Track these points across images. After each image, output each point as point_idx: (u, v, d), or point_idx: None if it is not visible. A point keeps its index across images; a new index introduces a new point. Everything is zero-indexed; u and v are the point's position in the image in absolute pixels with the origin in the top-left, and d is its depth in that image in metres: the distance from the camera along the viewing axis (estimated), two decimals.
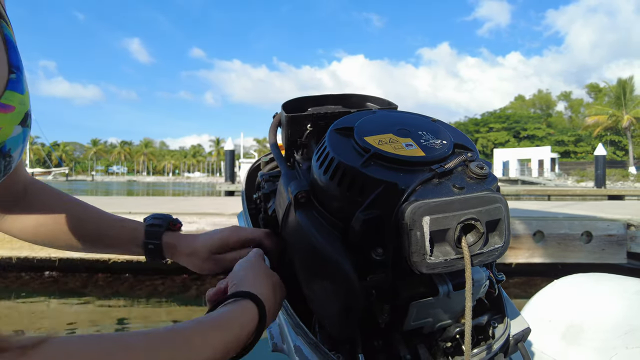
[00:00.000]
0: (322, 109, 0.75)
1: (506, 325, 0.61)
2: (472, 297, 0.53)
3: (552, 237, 4.16)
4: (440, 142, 0.55)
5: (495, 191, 0.48)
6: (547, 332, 1.00)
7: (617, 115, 37.84)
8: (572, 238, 4.17)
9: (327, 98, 0.77)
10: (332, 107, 0.76)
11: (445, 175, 0.49)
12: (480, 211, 0.45)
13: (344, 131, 0.57)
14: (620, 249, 4.14)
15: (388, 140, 0.54)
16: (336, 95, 0.78)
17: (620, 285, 1.01)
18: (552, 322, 1.02)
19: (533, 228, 4.17)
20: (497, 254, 0.47)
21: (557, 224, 4.22)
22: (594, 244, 4.16)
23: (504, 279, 0.63)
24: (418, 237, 0.44)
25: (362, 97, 0.79)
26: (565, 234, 4.17)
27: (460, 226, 0.44)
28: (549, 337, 0.98)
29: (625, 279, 1.04)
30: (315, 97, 0.76)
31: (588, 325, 0.94)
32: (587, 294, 1.03)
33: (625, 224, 4.17)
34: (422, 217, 0.43)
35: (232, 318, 0.46)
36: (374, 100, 0.80)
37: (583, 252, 4.16)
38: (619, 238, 4.14)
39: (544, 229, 4.16)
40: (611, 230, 4.16)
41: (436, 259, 0.44)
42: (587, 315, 0.97)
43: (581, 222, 4.26)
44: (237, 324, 0.46)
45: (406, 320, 0.53)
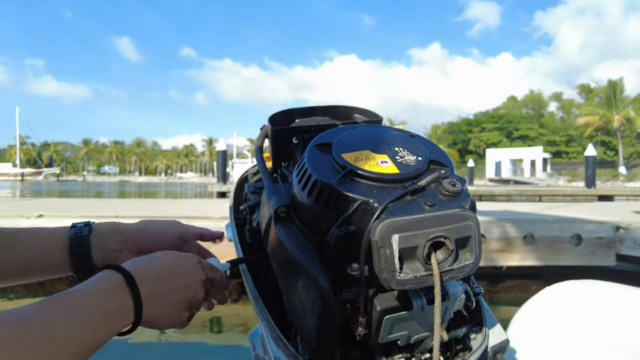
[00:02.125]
0: (309, 121, 0.77)
1: (484, 337, 0.62)
2: (447, 311, 0.56)
3: (542, 239, 4.18)
4: (416, 159, 0.55)
5: (466, 208, 0.49)
6: (538, 340, 0.99)
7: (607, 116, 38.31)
8: (562, 241, 4.20)
9: (314, 110, 0.78)
10: (319, 118, 0.77)
11: (417, 192, 0.50)
12: (449, 229, 0.46)
13: (323, 147, 0.57)
14: (610, 252, 4.17)
15: (364, 157, 0.54)
16: (323, 106, 0.78)
17: (612, 293, 1.02)
18: (542, 330, 1.01)
19: (523, 230, 4.18)
20: (467, 270, 0.48)
21: (547, 227, 4.25)
22: (584, 247, 4.18)
23: (482, 292, 0.64)
24: (387, 255, 0.44)
25: (348, 109, 0.80)
26: (555, 237, 4.19)
27: (429, 243, 0.45)
28: (539, 345, 0.98)
29: (616, 286, 1.05)
30: (303, 109, 0.77)
31: (579, 334, 0.94)
32: (579, 301, 1.03)
33: (614, 227, 4.20)
34: (392, 235, 0.44)
35: (97, 288, 0.42)
36: (360, 112, 0.81)
37: (573, 254, 4.18)
38: (608, 241, 4.17)
39: (534, 232, 4.18)
40: (600, 233, 4.18)
41: (406, 276, 0.45)
42: (578, 324, 0.97)
43: (571, 224, 4.29)
44: (103, 293, 0.42)
45: (381, 333, 0.53)
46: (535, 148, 38.83)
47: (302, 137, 0.71)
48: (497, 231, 4.17)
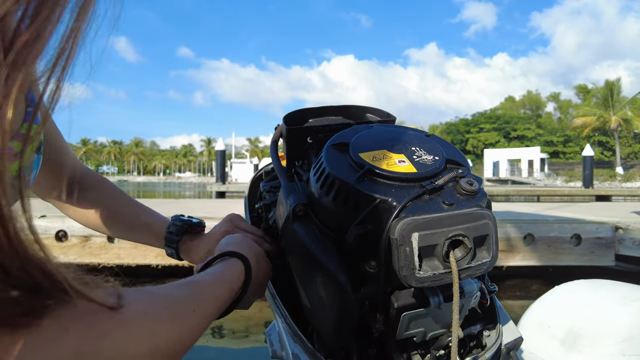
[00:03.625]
0: (322, 120, 0.77)
1: (498, 334, 0.63)
2: (463, 308, 0.57)
3: (543, 240, 4.21)
4: (433, 158, 0.56)
5: (483, 207, 0.50)
6: (547, 338, 1.01)
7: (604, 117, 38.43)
8: (562, 241, 4.23)
9: (327, 109, 0.78)
10: (333, 118, 0.78)
11: (435, 191, 0.51)
12: (468, 227, 0.47)
13: (340, 147, 0.58)
14: (609, 252, 4.20)
15: (382, 157, 0.55)
16: (336, 106, 0.79)
17: (620, 293, 1.03)
18: (551, 328, 1.03)
19: (524, 231, 4.21)
20: (484, 268, 0.49)
21: (547, 227, 4.28)
22: (583, 247, 4.22)
23: (497, 289, 0.65)
24: (407, 253, 0.45)
25: (361, 109, 0.80)
26: (555, 237, 4.23)
27: (448, 242, 0.46)
28: (548, 343, 1.00)
29: (624, 286, 1.06)
30: (316, 109, 0.78)
31: (587, 332, 0.96)
32: (587, 300, 1.04)
33: (613, 227, 4.24)
34: (411, 233, 0.45)
35: (225, 273, 0.50)
36: (373, 112, 0.81)
37: (572, 254, 4.22)
38: (607, 241, 4.20)
39: (534, 232, 4.21)
40: (600, 233, 4.22)
41: (425, 274, 0.46)
42: (586, 322, 0.98)
43: (571, 225, 4.32)
44: (228, 279, 0.50)
45: (398, 330, 0.54)
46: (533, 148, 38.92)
47: (317, 136, 0.72)
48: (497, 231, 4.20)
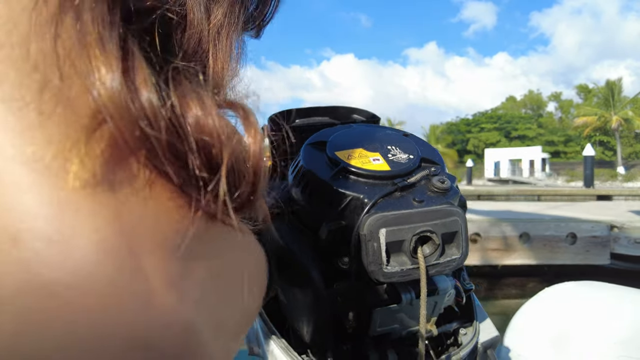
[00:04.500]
0: (309, 120, 0.78)
1: (475, 332, 0.64)
2: (437, 305, 0.58)
3: (538, 238, 4.24)
4: (407, 157, 0.57)
5: (453, 205, 0.51)
6: (536, 340, 1.01)
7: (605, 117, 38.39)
8: (558, 240, 4.25)
9: (315, 110, 0.79)
10: (319, 118, 0.79)
11: (407, 188, 0.52)
12: (436, 224, 0.48)
13: (317, 145, 0.60)
14: (604, 250, 4.23)
15: (357, 155, 0.57)
16: (324, 107, 0.80)
17: (610, 294, 1.03)
18: (541, 330, 1.03)
19: (519, 230, 4.24)
20: (454, 265, 0.49)
21: (543, 226, 4.30)
22: (579, 246, 4.24)
23: (473, 288, 0.65)
24: (375, 248, 0.46)
25: (348, 109, 0.82)
26: (551, 236, 4.25)
27: (416, 238, 0.47)
28: (537, 346, 1.00)
29: (615, 288, 1.06)
30: (304, 109, 0.79)
31: (577, 334, 0.96)
32: (578, 302, 1.05)
33: (608, 226, 4.26)
34: (379, 229, 0.46)
35: None
36: (358, 112, 0.84)
37: (568, 253, 4.24)
38: (603, 239, 4.22)
39: (529, 231, 4.24)
40: (595, 232, 4.24)
41: (392, 269, 0.47)
42: (576, 324, 0.98)
43: (566, 224, 4.34)
44: None
45: (372, 326, 0.55)
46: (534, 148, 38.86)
47: (301, 136, 0.75)
48: (493, 230, 4.22)
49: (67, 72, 0.13)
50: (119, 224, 0.13)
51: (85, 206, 0.13)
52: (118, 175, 0.14)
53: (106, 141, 0.14)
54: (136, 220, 0.14)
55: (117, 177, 0.14)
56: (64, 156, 0.13)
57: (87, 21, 0.14)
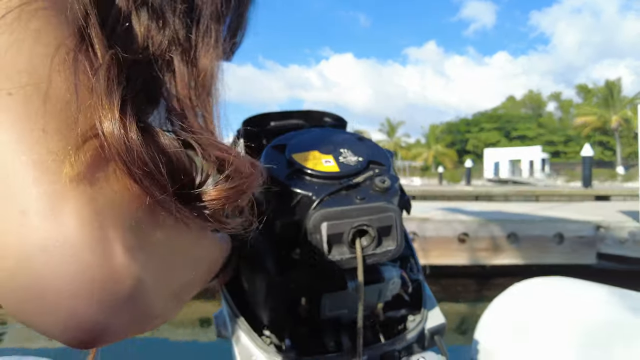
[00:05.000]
0: (283, 123, 0.82)
1: (422, 319, 0.69)
2: (382, 292, 0.64)
3: (526, 239, 4.30)
4: (357, 159, 0.63)
5: (390, 202, 0.57)
6: (503, 333, 1.04)
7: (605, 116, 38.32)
8: (545, 240, 4.32)
9: (290, 114, 0.84)
10: (294, 122, 0.84)
11: (352, 187, 0.58)
12: (371, 219, 0.54)
13: (278, 148, 0.66)
14: (591, 250, 4.29)
15: (312, 157, 0.63)
16: (298, 111, 0.86)
17: (576, 290, 1.07)
18: (507, 324, 1.06)
19: (507, 230, 4.30)
20: (390, 255, 0.55)
21: (531, 226, 4.37)
22: (566, 246, 4.30)
23: (420, 278, 0.71)
24: (318, 239, 0.53)
25: (320, 113, 0.87)
26: (539, 236, 4.31)
27: (354, 231, 0.53)
28: (503, 338, 1.03)
29: (582, 283, 1.06)
30: (279, 113, 0.84)
31: (540, 328, 0.99)
32: (544, 297, 1.08)
33: (595, 226, 4.32)
34: (321, 222, 0.52)
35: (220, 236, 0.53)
36: (329, 116, 0.88)
37: (555, 253, 4.30)
38: (589, 239, 4.29)
39: (518, 231, 4.30)
40: (582, 232, 4.31)
41: (333, 258, 0.53)
42: (540, 318, 1.02)
43: (554, 224, 4.41)
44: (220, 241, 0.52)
45: (322, 310, 0.62)
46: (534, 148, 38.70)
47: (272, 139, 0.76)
48: (482, 231, 4.29)
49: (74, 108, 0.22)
50: (93, 206, 0.21)
51: (71, 195, 0.20)
52: (96, 174, 0.21)
53: (91, 152, 0.21)
54: (107, 204, 0.22)
55: (95, 175, 0.21)
56: (60, 161, 0.20)
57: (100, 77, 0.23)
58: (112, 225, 0.22)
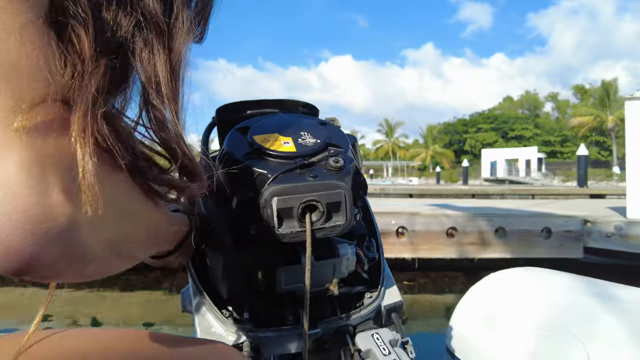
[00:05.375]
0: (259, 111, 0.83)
1: (378, 296, 0.72)
2: (336, 267, 0.67)
3: (514, 233, 4.34)
4: (315, 141, 0.66)
5: (339, 180, 0.59)
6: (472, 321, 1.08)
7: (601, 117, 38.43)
8: (533, 234, 4.35)
9: (265, 102, 0.85)
10: (269, 110, 0.85)
11: (306, 167, 0.60)
12: (321, 195, 0.56)
13: (242, 130, 0.68)
14: (578, 244, 4.33)
15: (272, 139, 0.65)
16: (274, 100, 0.86)
17: (546, 279, 1.10)
18: (478, 309, 1.10)
19: (495, 224, 4.34)
20: (339, 229, 0.58)
21: (518, 221, 4.41)
22: (553, 240, 4.34)
23: (377, 257, 0.74)
24: (269, 214, 0.55)
25: (295, 102, 0.89)
26: (526, 230, 4.35)
27: (303, 205, 0.55)
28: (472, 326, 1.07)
29: (554, 273, 1.12)
30: (254, 102, 0.84)
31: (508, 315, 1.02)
32: (515, 286, 1.11)
33: (582, 220, 4.36)
34: (272, 197, 0.55)
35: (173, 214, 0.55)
36: (303, 105, 0.90)
37: (543, 247, 4.34)
38: (576, 234, 4.33)
39: (505, 226, 4.34)
40: (569, 227, 4.35)
41: (283, 231, 0.55)
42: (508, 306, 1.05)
43: (542, 218, 4.45)
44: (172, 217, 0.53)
45: (277, 284, 0.64)
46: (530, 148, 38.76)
47: None
48: (470, 225, 4.33)
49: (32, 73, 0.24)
50: (36, 153, 0.24)
51: (17, 143, 0.23)
52: (47, 132, 0.24)
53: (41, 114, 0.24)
54: (50, 154, 0.24)
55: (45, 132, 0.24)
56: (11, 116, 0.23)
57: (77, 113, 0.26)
58: (54, 171, 0.24)
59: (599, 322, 0.87)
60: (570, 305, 0.96)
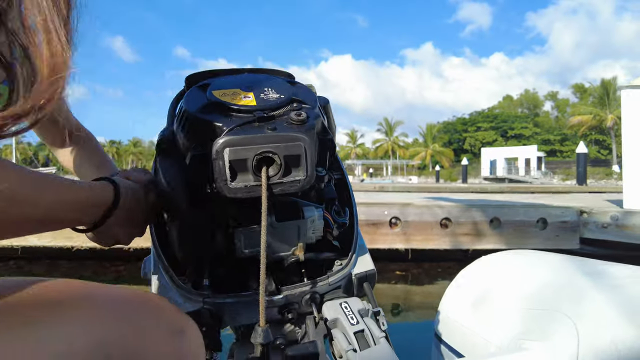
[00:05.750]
0: None
1: (348, 263, 0.68)
2: (300, 230, 0.62)
3: (509, 224, 4.29)
4: (278, 96, 0.61)
5: (300, 132, 0.54)
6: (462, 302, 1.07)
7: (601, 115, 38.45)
8: (528, 225, 4.30)
9: (240, 71, 0.80)
10: None
11: (266, 120, 0.56)
12: (278, 146, 0.52)
13: (202, 87, 0.64)
14: (574, 235, 4.28)
15: (232, 94, 0.61)
16: (248, 69, 0.82)
17: (533, 259, 1.08)
18: (467, 292, 1.09)
19: (489, 215, 4.29)
20: (299, 185, 0.54)
21: (513, 211, 4.35)
22: (549, 231, 4.29)
23: (347, 222, 0.70)
24: (221, 166, 0.51)
25: (271, 71, 0.84)
26: (521, 221, 4.30)
27: (258, 157, 0.51)
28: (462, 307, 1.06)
29: (547, 255, 1.09)
30: (226, 70, 0.81)
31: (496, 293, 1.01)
32: (507, 267, 1.10)
33: (578, 211, 4.31)
34: (224, 148, 0.51)
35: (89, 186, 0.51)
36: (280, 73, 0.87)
37: (538, 238, 4.29)
38: (572, 224, 4.28)
39: (500, 216, 4.29)
40: (565, 217, 4.29)
41: (237, 185, 0.52)
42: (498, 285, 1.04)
43: (537, 209, 4.39)
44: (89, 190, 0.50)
45: (237, 247, 0.60)
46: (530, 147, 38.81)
47: None
48: (464, 216, 4.27)
49: None
50: None
51: None
52: None
53: None
54: None
55: None
56: None
57: None
58: None
59: (587, 299, 0.83)
60: (559, 283, 0.94)
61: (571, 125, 41.46)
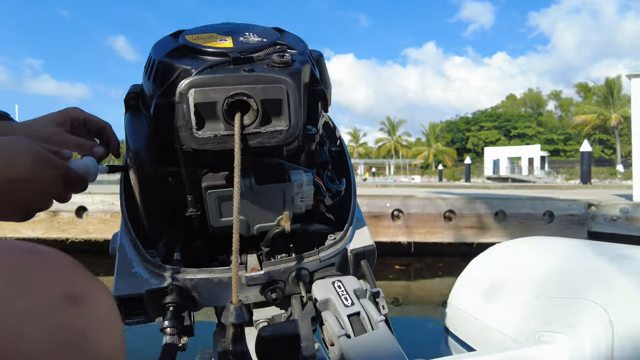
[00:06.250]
0: None
1: (343, 237, 0.59)
2: (286, 195, 0.54)
3: (514, 216, 4.19)
4: (260, 40, 0.54)
5: (282, 74, 0.46)
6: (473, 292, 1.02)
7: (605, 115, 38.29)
8: (534, 218, 4.20)
9: None
10: None
11: (242, 62, 0.48)
12: (254, 88, 0.43)
13: (175, 35, 0.56)
14: (582, 229, 4.17)
15: (206, 37, 0.54)
16: None
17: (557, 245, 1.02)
18: (479, 283, 1.04)
19: (494, 208, 4.18)
20: (280, 137, 0.45)
21: (519, 204, 4.25)
22: (556, 224, 4.19)
23: (342, 190, 0.62)
24: (185, 110, 0.43)
25: None
26: (527, 214, 4.20)
27: (230, 101, 0.43)
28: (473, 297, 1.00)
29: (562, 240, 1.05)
30: None
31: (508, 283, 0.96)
32: (517, 254, 1.05)
33: (585, 204, 4.20)
34: (189, 89, 0.42)
35: None
36: None
37: (545, 231, 4.18)
38: (580, 218, 4.17)
39: (505, 209, 4.18)
40: (572, 210, 4.18)
41: (204, 134, 0.43)
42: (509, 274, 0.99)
43: (543, 202, 4.29)
44: None
45: (211, 214, 0.52)
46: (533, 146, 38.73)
47: None
48: (468, 209, 4.17)
49: None
50: None
51: None
52: None
53: None
54: None
55: None
56: None
57: None
58: None
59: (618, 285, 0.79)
60: (583, 269, 0.89)
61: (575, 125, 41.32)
